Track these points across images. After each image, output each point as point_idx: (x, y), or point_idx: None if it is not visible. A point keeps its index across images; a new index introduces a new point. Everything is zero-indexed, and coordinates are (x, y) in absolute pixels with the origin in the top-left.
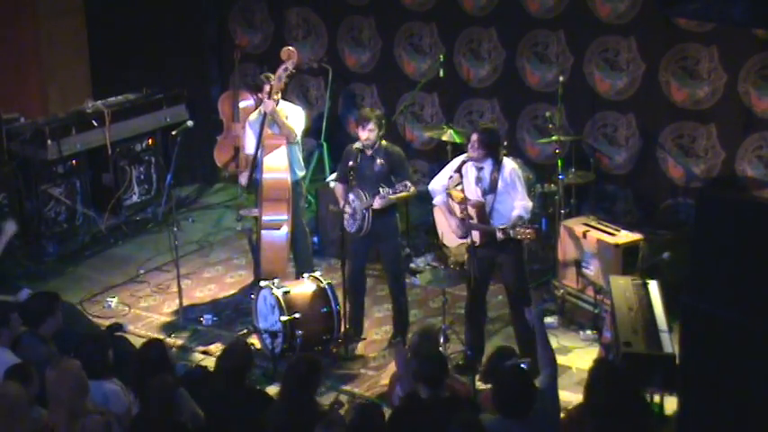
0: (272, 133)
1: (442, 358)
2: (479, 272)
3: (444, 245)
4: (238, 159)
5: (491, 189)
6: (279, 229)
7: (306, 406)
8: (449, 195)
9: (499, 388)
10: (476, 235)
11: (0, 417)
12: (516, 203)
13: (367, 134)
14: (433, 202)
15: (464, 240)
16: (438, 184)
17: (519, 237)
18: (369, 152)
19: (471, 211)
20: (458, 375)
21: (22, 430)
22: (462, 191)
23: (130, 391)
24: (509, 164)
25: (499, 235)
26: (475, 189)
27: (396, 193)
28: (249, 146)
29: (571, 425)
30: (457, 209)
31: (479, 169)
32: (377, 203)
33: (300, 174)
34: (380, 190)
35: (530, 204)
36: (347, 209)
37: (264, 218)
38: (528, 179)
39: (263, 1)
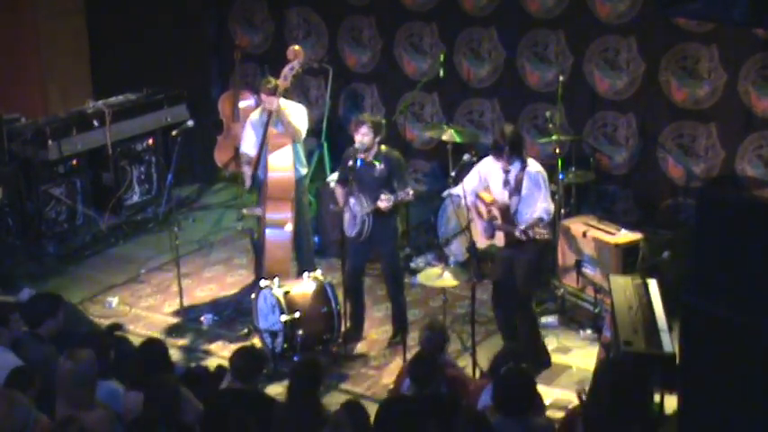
0: (276, 132)
1: (434, 359)
2: (501, 274)
3: (446, 244)
4: (238, 159)
5: (516, 191)
6: (283, 227)
7: (312, 408)
8: (478, 197)
9: (499, 387)
10: (500, 238)
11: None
12: (538, 205)
13: (360, 138)
14: (450, 192)
15: (492, 242)
16: (467, 186)
17: (537, 237)
18: (368, 157)
19: (496, 213)
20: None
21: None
22: (491, 193)
23: (132, 390)
24: (534, 166)
25: (519, 234)
26: (502, 191)
27: (398, 198)
28: (246, 144)
29: (572, 425)
30: (484, 210)
31: (507, 172)
32: (384, 205)
33: (303, 171)
34: (382, 196)
35: (551, 207)
36: (347, 213)
37: (269, 216)
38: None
39: (263, 1)
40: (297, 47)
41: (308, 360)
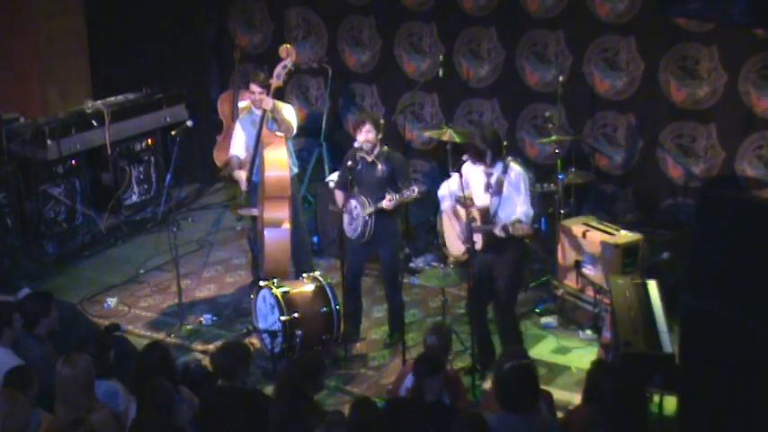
0: (270, 132)
1: (439, 360)
2: (479, 278)
3: (446, 244)
4: None
5: (496, 192)
6: (282, 226)
7: (300, 404)
8: (458, 200)
9: (502, 384)
10: (479, 240)
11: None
12: (517, 209)
13: (365, 136)
14: (441, 207)
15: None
16: (445, 189)
17: (517, 233)
18: (369, 158)
19: (475, 214)
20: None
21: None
22: (472, 196)
23: (130, 391)
24: (515, 168)
25: (498, 232)
26: (484, 195)
27: (403, 196)
28: (237, 146)
29: (571, 425)
30: (463, 213)
31: (489, 175)
32: (388, 204)
33: (295, 170)
34: (387, 194)
35: (531, 212)
36: (347, 216)
37: (267, 215)
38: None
39: (262, 1)
40: (289, 45)
41: (297, 357)
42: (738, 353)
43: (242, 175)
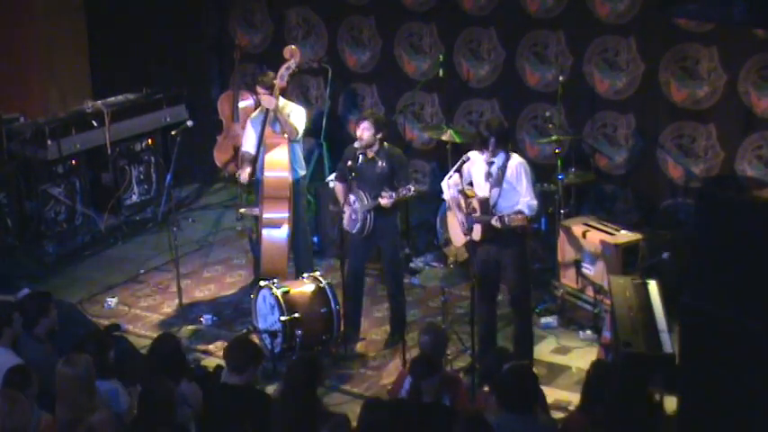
0: (272, 132)
1: (436, 360)
2: (485, 272)
3: (446, 244)
4: (238, 159)
5: (497, 183)
6: (280, 227)
7: (308, 405)
8: (461, 193)
9: (502, 385)
10: (477, 231)
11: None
12: (521, 200)
13: (360, 132)
14: (444, 196)
15: (469, 237)
16: (446, 182)
17: (513, 224)
18: (370, 154)
19: (475, 205)
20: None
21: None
22: (474, 188)
23: (139, 386)
24: (516, 158)
25: (495, 223)
26: (485, 184)
27: (400, 195)
28: (248, 144)
29: (571, 426)
30: (464, 204)
31: (490, 164)
32: (385, 202)
33: (301, 172)
34: (383, 193)
35: (534, 203)
36: (347, 210)
37: (265, 216)
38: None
39: (262, 1)
40: (293, 46)
41: (304, 358)
42: (738, 353)
43: (248, 169)
